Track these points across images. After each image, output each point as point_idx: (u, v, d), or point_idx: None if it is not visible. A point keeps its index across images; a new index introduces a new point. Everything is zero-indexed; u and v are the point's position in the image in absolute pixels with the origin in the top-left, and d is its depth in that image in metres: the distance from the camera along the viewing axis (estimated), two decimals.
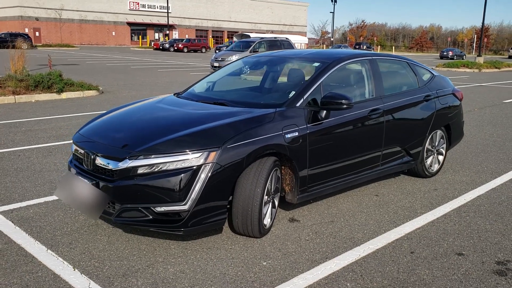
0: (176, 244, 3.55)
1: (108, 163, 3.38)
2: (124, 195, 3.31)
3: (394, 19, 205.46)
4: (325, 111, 3.98)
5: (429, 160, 5.39)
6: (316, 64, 4.47)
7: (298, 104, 3.94)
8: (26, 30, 56.95)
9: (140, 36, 68.11)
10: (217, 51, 42.53)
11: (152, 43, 59.15)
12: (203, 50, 52.49)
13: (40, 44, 52.67)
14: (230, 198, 3.51)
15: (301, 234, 3.79)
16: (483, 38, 40.99)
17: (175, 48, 51.09)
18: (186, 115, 3.90)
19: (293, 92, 4.10)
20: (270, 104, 4.01)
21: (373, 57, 4.84)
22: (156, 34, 71.31)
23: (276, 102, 4.04)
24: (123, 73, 19.82)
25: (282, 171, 3.93)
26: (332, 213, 4.26)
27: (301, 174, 3.87)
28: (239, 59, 5.50)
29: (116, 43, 67.49)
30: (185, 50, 50.84)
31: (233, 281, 3.03)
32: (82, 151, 3.66)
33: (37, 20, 59.72)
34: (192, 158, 3.26)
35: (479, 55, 35.44)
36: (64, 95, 11.82)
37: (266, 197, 3.63)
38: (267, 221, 3.71)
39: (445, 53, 52.59)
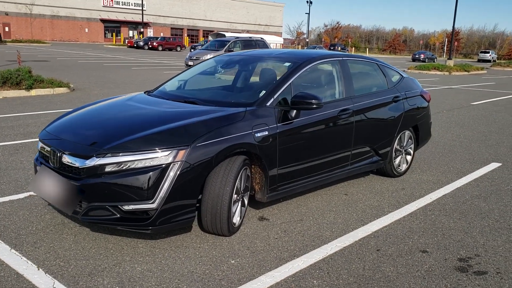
0: (144, 243, 3.52)
1: (75, 161, 3.33)
2: (91, 194, 3.26)
3: (369, 21, 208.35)
4: (295, 111, 4.01)
5: (397, 160, 5.50)
6: (287, 64, 4.51)
7: (268, 104, 3.96)
8: None
9: (114, 34, 67.12)
10: (192, 50, 42.32)
11: (126, 40, 58.39)
12: (178, 48, 52.18)
13: (10, 40, 51.30)
14: (200, 197, 3.51)
15: (270, 233, 3.81)
16: (454, 42, 41.98)
17: (150, 46, 50.62)
18: (155, 113, 3.86)
19: (264, 92, 4.12)
20: (240, 103, 4.01)
21: (343, 58, 4.90)
22: (131, 32, 70.39)
23: (247, 101, 4.04)
24: (95, 71, 19.49)
25: (252, 170, 3.94)
26: (302, 212, 4.30)
27: (270, 173, 3.89)
28: (211, 57, 5.49)
29: (89, 40, 66.32)
30: (160, 48, 50.45)
31: (200, 279, 3.03)
32: (49, 149, 3.59)
33: (7, 14, 58.18)
34: (161, 156, 3.23)
35: (449, 58, 36.30)
36: (34, 92, 11.55)
37: (236, 195, 3.64)
38: (236, 219, 3.72)
39: (417, 56, 53.46)
